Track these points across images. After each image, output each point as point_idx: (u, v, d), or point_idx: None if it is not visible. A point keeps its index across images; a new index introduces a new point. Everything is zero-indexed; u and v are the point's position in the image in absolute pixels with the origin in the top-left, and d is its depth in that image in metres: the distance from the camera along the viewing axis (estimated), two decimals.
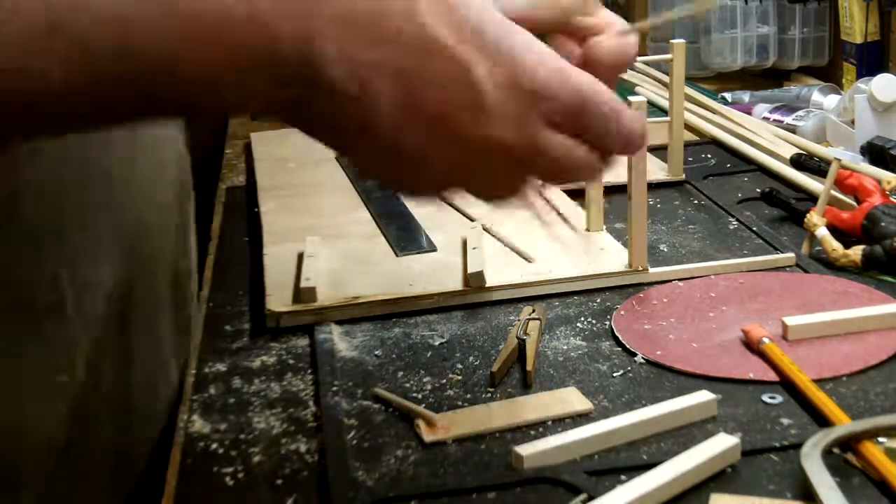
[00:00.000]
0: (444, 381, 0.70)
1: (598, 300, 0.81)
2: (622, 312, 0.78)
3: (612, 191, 0.95)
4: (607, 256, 0.87)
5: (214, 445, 0.64)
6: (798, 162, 1.04)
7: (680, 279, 0.83)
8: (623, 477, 0.57)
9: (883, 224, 0.84)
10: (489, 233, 0.93)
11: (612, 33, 0.58)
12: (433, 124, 0.49)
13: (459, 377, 0.70)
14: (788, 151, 1.11)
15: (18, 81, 0.45)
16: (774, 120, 1.29)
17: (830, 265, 0.84)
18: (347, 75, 0.47)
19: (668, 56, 1.01)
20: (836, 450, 0.58)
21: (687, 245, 0.92)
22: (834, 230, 0.86)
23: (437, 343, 0.76)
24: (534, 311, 0.77)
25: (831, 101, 1.32)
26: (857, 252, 0.83)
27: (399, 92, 0.48)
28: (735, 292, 0.80)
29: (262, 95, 0.48)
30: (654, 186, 1.05)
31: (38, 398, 0.65)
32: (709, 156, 1.19)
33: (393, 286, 0.83)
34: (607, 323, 0.77)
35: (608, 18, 0.58)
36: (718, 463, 0.57)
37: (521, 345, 0.71)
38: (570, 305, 0.81)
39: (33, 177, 0.63)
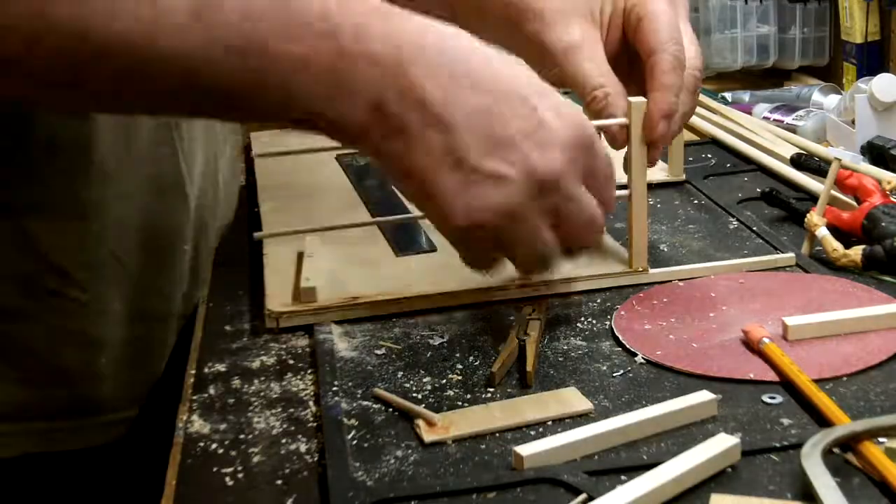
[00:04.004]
0: (444, 381, 0.70)
1: (598, 300, 0.81)
2: (622, 312, 0.78)
3: None
4: (607, 256, 0.87)
5: (214, 445, 0.64)
6: (798, 162, 1.04)
7: (680, 279, 0.83)
8: (623, 477, 0.57)
9: (883, 224, 0.84)
10: None
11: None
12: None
13: (459, 377, 0.70)
14: (788, 151, 1.11)
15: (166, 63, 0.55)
16: (774, 120, 1.29)
17: (830, 265, 0.84)
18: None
19: None
20: (836, 450, 0.58)
21: (687, 245, 0.92)
22: (834, 230, 0.86)
23: (437, 343, 0.76)
24: (534, 310, 0.77)
25: (831, 101, 1.32)
26: (857, 252, 0.83)
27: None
28: (735, 292, 0.80)
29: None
30: (654, 186, 1.05)
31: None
32: (709, 156, 1.19)
33: (393, 286, 0.83)
34: (607, 323, 0.77)
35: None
36: (718, 463, 0.57)
37: (522, 345, 0.71)
38: (570, 305, 0.81)
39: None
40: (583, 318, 0.78)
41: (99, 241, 0.80)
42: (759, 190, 1.02)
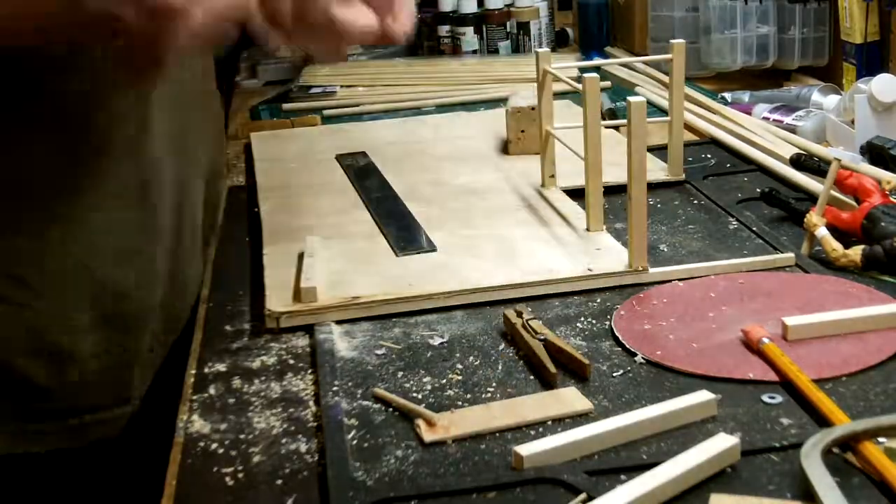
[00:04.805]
0: (444, 381, 0.70)
1: (598, 300, 0.81)
2: (622, 312, 0.78)
3: (612, 191, 0.95)
4: (607, 256, 0.87)
5: (214, 445, 0.64)
6: (798, 162, 1.04)
7: (680, 279, 0.83)
8: (623, 477, 0.57)
9: (883, 224, 0.84)
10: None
11: None
12: None
13: (459, 377, 0.70)
14: (788, 151, 1.11)
15: None
16: (774, 120, 1.29)
17: (830, 265, 0.84)
18: None
19: (668, 56, 1.01)
20: (836, 450, 0.58)
21: (687, 245, 0.92)
22: (834, 230, 0.86)
23: (437, 343, 0.76)
24: (522, 313, 0.76)
25: (831, 101, 1.32)
26: (856, 252, 0.83)
27: None
28: (735, 292, 0.80)
29: None
30: (654, 186, 1.05)
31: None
32: (709, 156, 1.19)
33: (393, 286, 0.83)
34: (607, 323, 0.77)
35: None
36: (718, 463, 0.57)
37: (546, 344, 0.71)
38: (570, 305, 0.81)
39: None
40: (583, 318, 0.78)
41: (64, 250, 0.78)
42: (758, 190, 1.02)
